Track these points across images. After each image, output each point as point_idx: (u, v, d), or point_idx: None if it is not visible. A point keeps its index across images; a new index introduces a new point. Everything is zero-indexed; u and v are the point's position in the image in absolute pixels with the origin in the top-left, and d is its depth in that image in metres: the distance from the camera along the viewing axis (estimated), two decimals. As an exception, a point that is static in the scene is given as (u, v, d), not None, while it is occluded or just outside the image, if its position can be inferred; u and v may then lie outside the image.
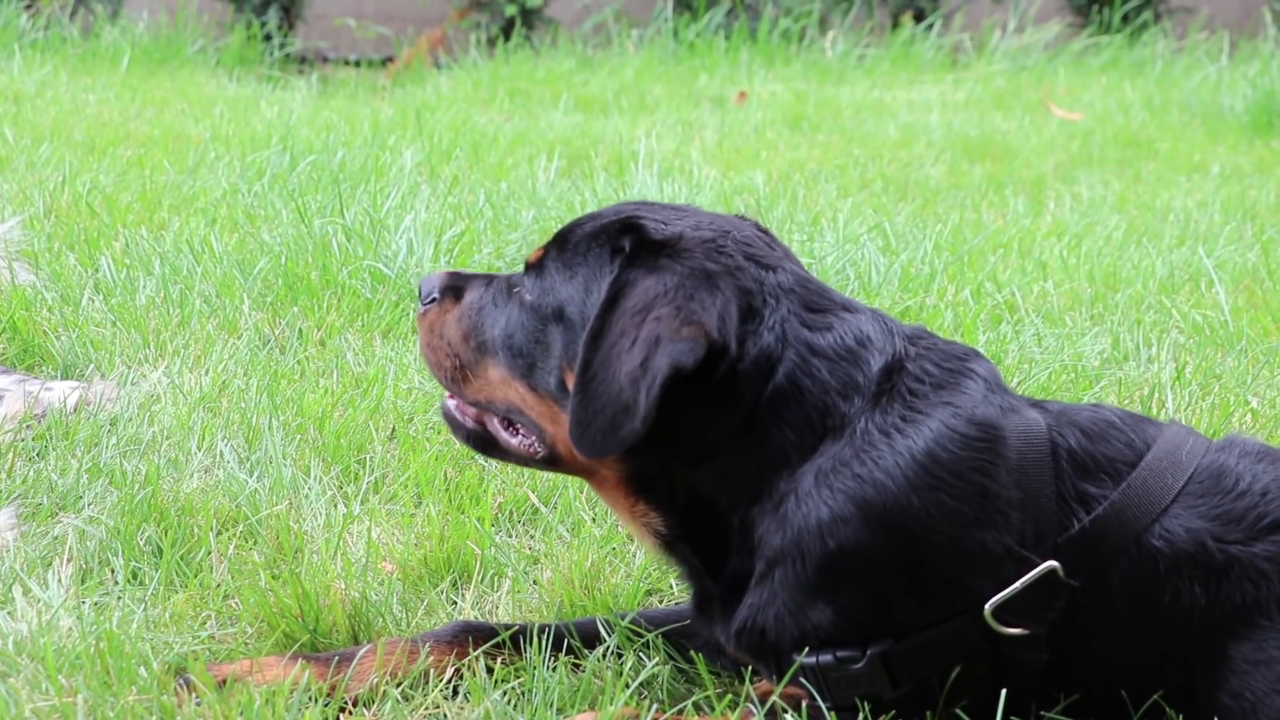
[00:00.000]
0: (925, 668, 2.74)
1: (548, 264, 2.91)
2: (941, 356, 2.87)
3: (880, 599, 2.73)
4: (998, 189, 7.72)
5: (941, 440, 2.73)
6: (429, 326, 3.03)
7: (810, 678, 2.74)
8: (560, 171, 7.43)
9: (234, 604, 3.23)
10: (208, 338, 4.68)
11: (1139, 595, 2.74)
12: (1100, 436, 2.82)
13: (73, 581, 3.26)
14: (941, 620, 2.73)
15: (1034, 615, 2.72)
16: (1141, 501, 2.76)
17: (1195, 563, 2.75)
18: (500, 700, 2.88)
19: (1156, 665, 2.77)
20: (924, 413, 2.76)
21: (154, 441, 3.92)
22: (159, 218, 6.10)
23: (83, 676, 2.84)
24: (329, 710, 2.82)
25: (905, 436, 2.74)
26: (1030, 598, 2.71)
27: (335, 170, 6.82)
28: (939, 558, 2.71)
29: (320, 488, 3.70)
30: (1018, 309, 5.27)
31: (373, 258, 5.23)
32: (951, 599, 2.72)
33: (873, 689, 2.73)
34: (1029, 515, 2.73)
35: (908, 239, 6.15)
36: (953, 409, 2.77)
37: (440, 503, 3.66)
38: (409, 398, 4.25)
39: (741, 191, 7.02)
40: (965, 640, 2.73)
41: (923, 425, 2.75)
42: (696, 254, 2.81)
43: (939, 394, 2.79)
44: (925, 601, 2.73)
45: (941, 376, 2.82)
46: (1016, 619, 2.71)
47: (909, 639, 2.72)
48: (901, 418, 2.76)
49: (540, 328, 2.89)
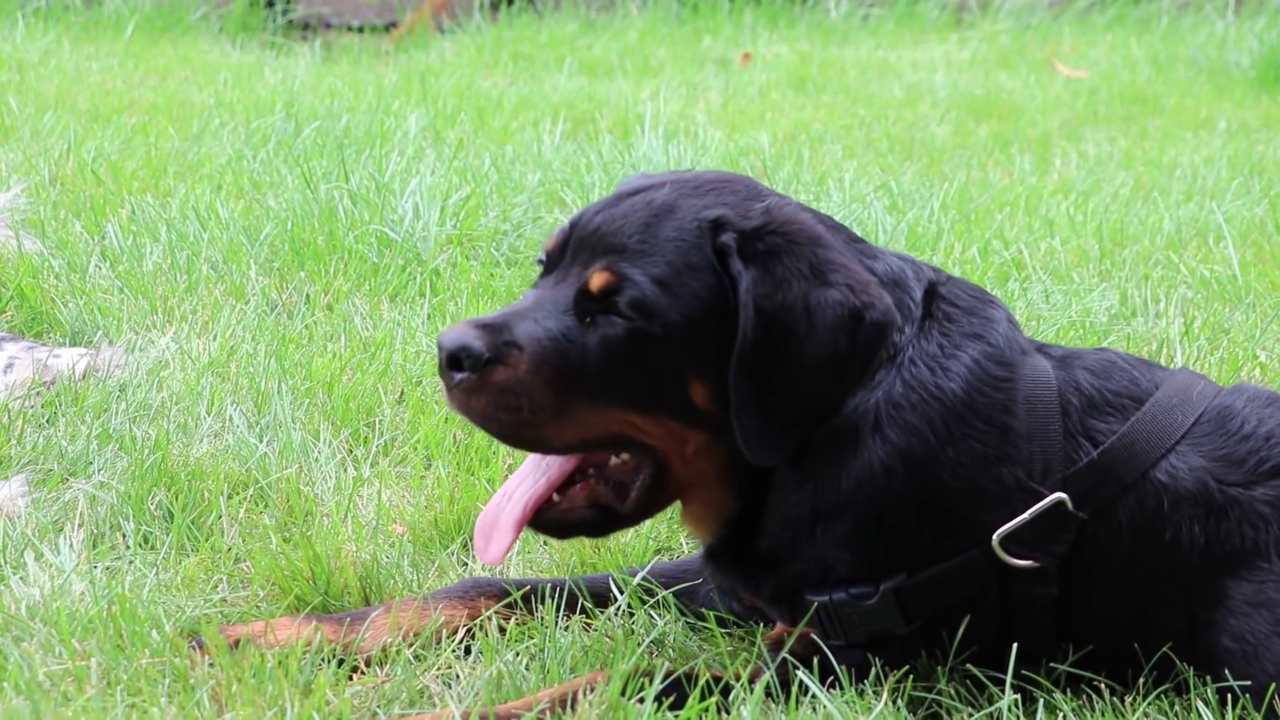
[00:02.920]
0: (937, 601, 2.76)
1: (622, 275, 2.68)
2: (966, 285, 2.92)
3: (899, 539, 2.76)
4: (1004, 147, 7.70)
5: (976, 386, 2.76)
6: (499, 390, 2.66)
7: (824, 615, 2.75)
8: (565, 135, 7.41)
9: (245, 567, 3.23)
10: (215, 303, 4.68)
11: (1144, 532, 2.77)
12: (1106, 374, 2.85)
13: (84, 546, 3.27)
14: (953, 553, 2.75)
15: (1042, 546, 2.74)
16: (1151, 436, 2.78)
17: (1196, 501, 2.77)
18: (513, 660, 2.88)
19: (1159, 606, 2.78)
20: (959, 346, 2.79)
21: (163, 407, 3.92)
22: (164, 185, 6.09)
23: (96, 640, 2.85)
24: (342, 670, 2.83)
25: (946, 377, 2.76)
26: (1038, 529, 2.73)
27: (340, 136, 6.81)
28: (960, 498, 2.75)
29: (330, 451, 3.70)
30: (1025, 266, 5.27)
31: (379, 222, 5.23)
32: (964, 532, 2.75)
33: (886, 625, 2.75)
34: (1038, 448, 2.76)
35: (914, 198, 6.14)
36: (985, 344, 2.80)
37: (450, 464, 3.67)
38: (417, 361, 4.25)
39: (747, 153, 6.99)
40: (975, 573, 2.75)
41: (960, 360, 2.77)
42: (798, 228, 2.76)
43: (970, 320, 2.82)
44: (940, 537, 2.76)
45: (971, 303, 2.86)
46: (1025, 550, 2.73)
47: (921, 573, 2.74)
48: (940, 348, 2.78)
49: (648, 351, 2.68)
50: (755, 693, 2.66)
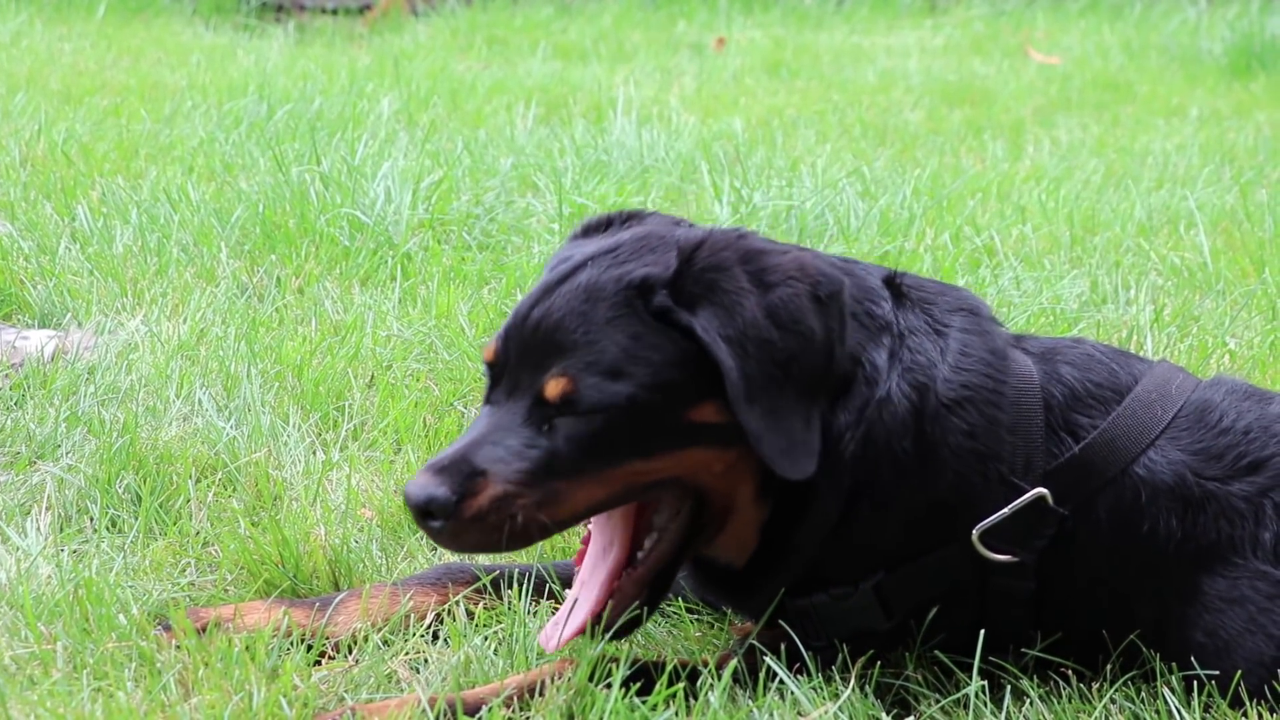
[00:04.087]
0: (916, 595, 2.75)
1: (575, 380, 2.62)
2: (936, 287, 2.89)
3: (884, 539, 2.74)
4: (976, 133, 7.71)
5: (975, 383, 2.74)
6: (479, 517, 2.58)
7: (805, 618, 2.74)
8: (538, 119, 7.41)
9: (214, 551, 3.22)
10: (185, 286, 4.65)
11: (1122, 525, 2.75)
12: (1087, 368, 2.84)
13: (51, 529, 3.25)
14: (932, 549, 2.74)
15: (1022, 542, 2.72)
16: (1131, 431, 2.77)
17: (1174, 495, 2.76)
18: (481, 645, 2.88)
19: (1134, 599, 2.77)
20: (946, 324, 2.78)
21: (132, 390, 3.90)
22: (136, 166, 6.07)
23: (62, 623, 2.83)
24: (310, 655, 2.81)
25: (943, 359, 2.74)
26: (1019, 524, 2.72)
27: (312, 119, 6.80)
28: (946, 494, 2.73)
29: (299, 435, 3.69)
30: (996, 253, 5.27)
31: (350, 205, 5.21)
32: (944, 528, 2.74)
33: (866, 622, 2.74)
34: (1020, 443, 2.74)
35: (887, 184, 6.14)
36: (971, 322, 2.79)
37: (420, 449, 3.66)
38: (388, 345, 4.23)
39: (720, 138, 6.99)
40: (955, 566, 2.74)
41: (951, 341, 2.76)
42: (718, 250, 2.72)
43: (947, 299, 2.82)
44: (917, 533, 2.74)
45: (940, 287, 2.87)
46: (1005, 545, 2.72)
47: (901, 569, 2.73)
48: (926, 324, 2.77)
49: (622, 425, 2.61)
50: (723, 679, 2.66)
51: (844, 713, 2.63)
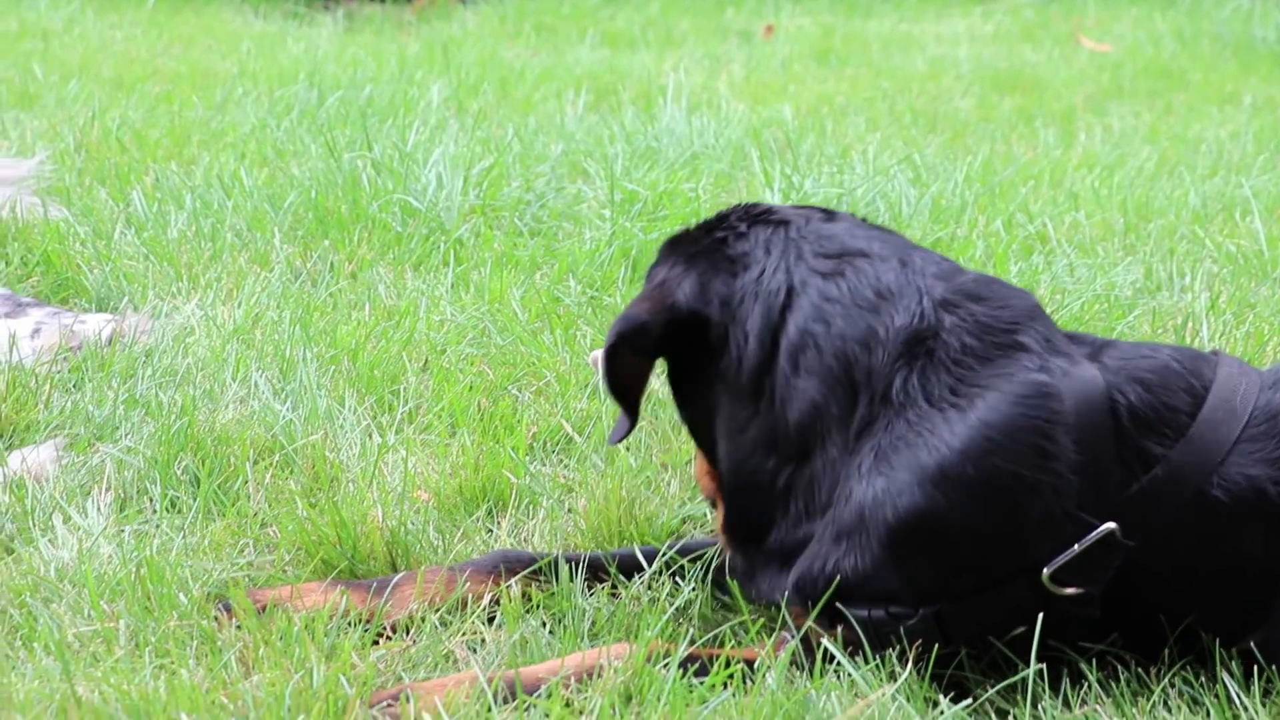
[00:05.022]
0: (977, 625, 2.71)
1: None
2: (981, 329, 2.78)
3: (940, 566, 2.69)
4: (1028, 121, 7.67)
5: (994, 406, 2.67)
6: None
7: (860, 630, 2.73)
8: (588, 106, 7.41)
9: (271, 532, 3.24)
10: (240, 271, 4.69)
11: (1198, 546, 2.70)
12: (1160, 386, 2.76)
13: (112, 510, 3.28)
14: (998, 583, 2.69)
15: (1090, 576, 2.67)
16: (1199, 457, 2.69)
17: (1256, 511, 2.70)
18: (537, 627, 2.89)
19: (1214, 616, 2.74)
20: (971, 387, 2.70)
21: (189, 373, 3.93)
22: (188, 153, 6.11)
23: (124, 602, 2.86)
24: (367, 635, 2.84)
25: (954, 404, 2.69)
26: (1087, 560, 2.66)
27: (363, 105, 6.82)
28: (997, 523, 2.66)
29: (355, 418, 3.71)
30: (1050, 240, 5.25)
31: (402, 191, 5.23)
32: (1010, 561, 2.68)
33: (924, 642, 2.70)
34: (1088, 477, 2.67)
35: (938, 171, 6.12)
36: (1004, 379, 2.71)
37: (475, 432, 3.67)
38: (441, 330, 4.25)
39: (770, 125, 6.99)
40: (1019, 600, 2.69)
41: (974, 399, 2.69)
42: (684, 242, 3.01)
43: (985, 370, 2.72)
44: (983, 565, 2.69)
45: (984, 351, 2.75)
46: (1073, 578, 2.67)
47: (965, 600, 2.69)
48: (951, 390, 2.70)
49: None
50: (780, 660, 2.66)
51: (901, 695, 2.63)
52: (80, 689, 2.54)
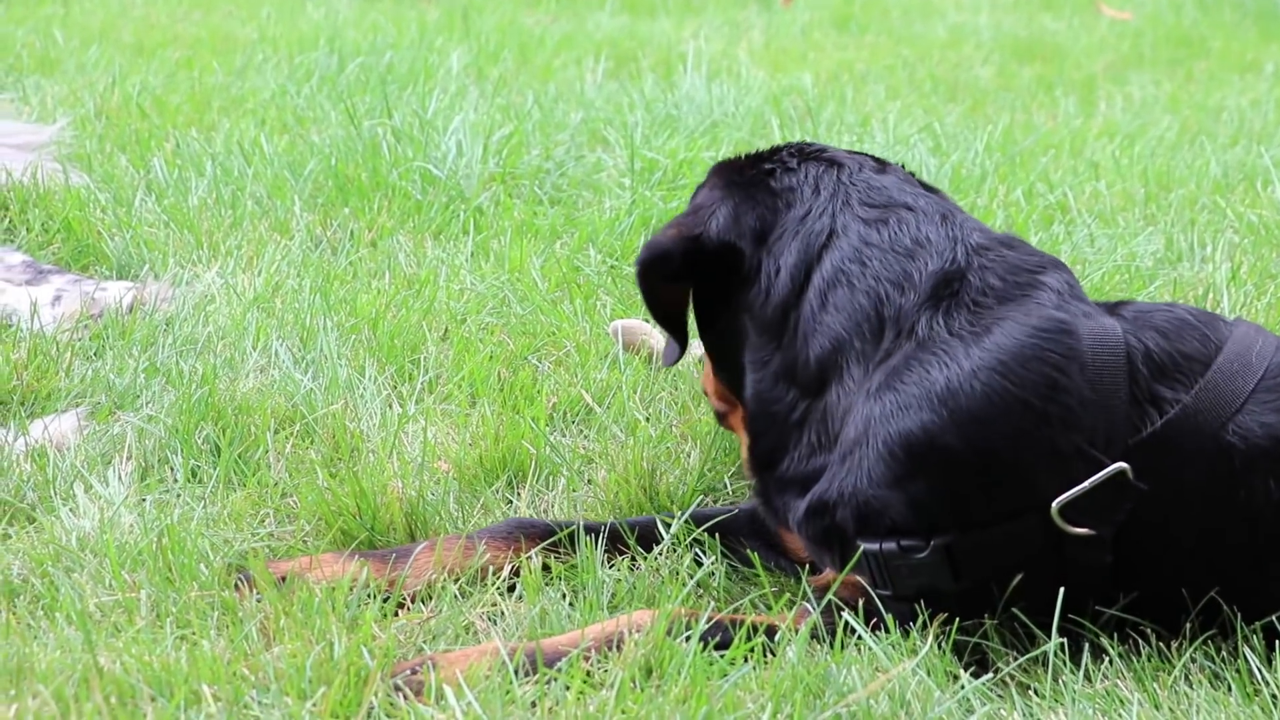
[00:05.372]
0: (988, 562, 2.72)
1: None
2: (1008, 269, 2.86)
3: (946, 489, 2.71)
4: (1048, 90, 7.64)
5: (1009, 333, 2.72)
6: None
7: (872, 565, 2.74)
8: (608, 73, 7.39)
9: (292, 502, 3.23)
10: (260, 239, 4.67)
11: (1212, 494, 2.71)
12: (1176, 335, 2.79)
13: (133, 479, 3.27)
14: (1008, 516, 2.71)
15: (1101, 517, 2.69)
16: (1213, 403, 2.72)
17: (1272, 457, 2.71)
18: (556, 599, 2.89)
19: (1223, 562, 2.75)
20: (992, 319, 2.76)
21: (209, 341, 3.92)
22: (209, 119, 6.10)
23: (145, 572, 2.86)
24: (388, 606, 2.83)
25: (973, 335, 2.74)
26: (1098, 499, 2.67)
27: (383, 72, 6.80)
28: (1005, 450, 2.69)
29: (375, 388, 3.70)
30: (1070, 210, 5.23)
31: (422, 159, 5.22)
32: (1019, 495, 2.70)
33: (934, 581, 2.71)
34: (1100, 416, 2.69)
35: (958, 140, 6.11)
36: (1022, 310, 2.77)
37: (495, 403, 3.66)
38: (461, 299, 4.24)
39: (790, 93, 6.96)
40: (1030, 538, 2.70)
41: (990, 326, 2.75)
42: (730, 170, 3.10)
43: (1004, 306, 2.79)
44: (992, 495, 2.71)
45: (1006, 290, 2.82)
46: (1084, 519, 2.69)
47: (974, 533, 2.71)
48: (969, 321, 2.77)
49: None
50: (801, 634, 2.66)
51: (922, 669, 2.63)
52: (102, 659, 2.54)
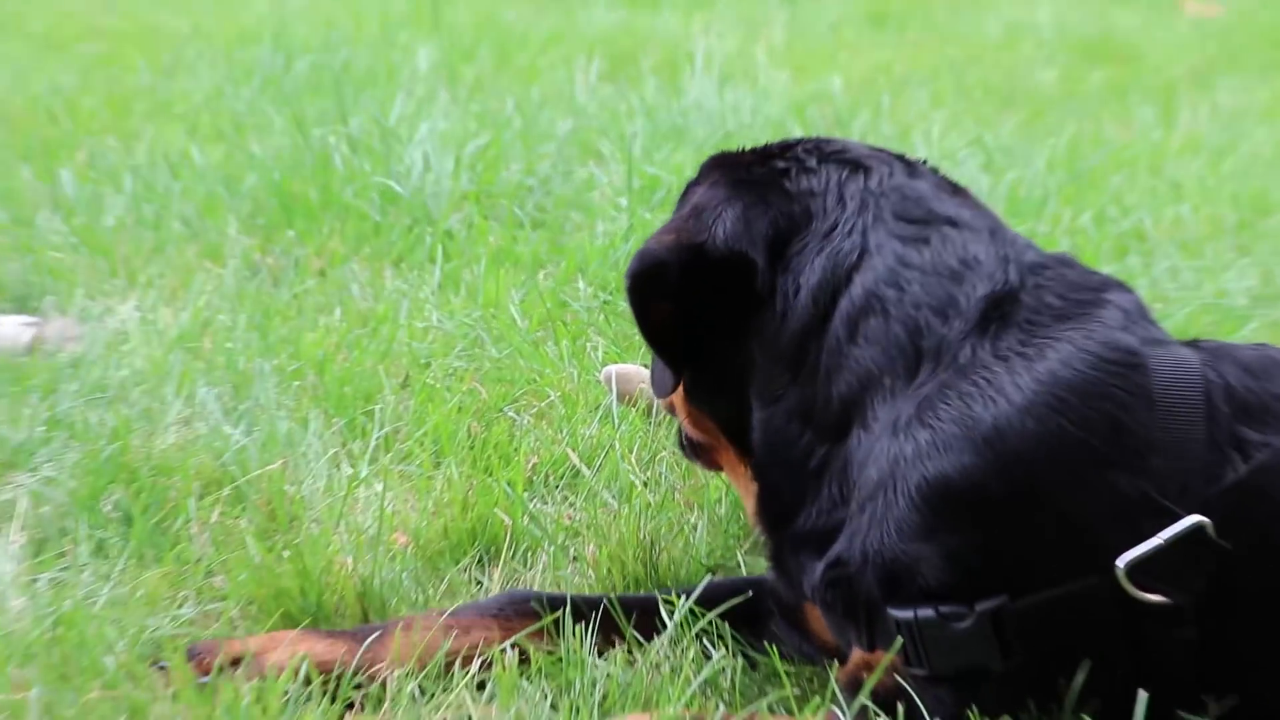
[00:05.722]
0: (1044, 635, 2.65)
1: None
2: (1068, 288, 2.83)
3: (990, 541, 2.64)
4: (1121, 97, 7.68)
5: (1065, 359, 2.68)
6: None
7: (904, 637, 2.67)
8: (602, 75, 7.42)
9: (219, 582, 3.19)
10: (187, 266, 4.67)
11: None
12: (1264, 373, 2.75)
13: (25, 554, 3.23)
14: (1065, 577, 2.64)
15: (1178, 581, 2.62)
16: None
17: None
18: (536, 698, 2.82)
19: None
20: (1046, 340, 2.72)
21: (123, 388, 3.90)
22: (130, 125, 6.13)
23: (37, 667, 2.79)
24: (336, 707, 2.77)
25: (1023, 359, 2.70)
26: (1173, 558, 2.61)
27: (338, 72, 6.85)
28: (1059, 496, 2.62)
29: (321, 444, 3.67)
30: (1148, 237, 5.24)
31: (382, 174, 5.24)
32: (1077, 552, 2.63)
33: (979, 658, 2.65)
34: (1173, 461, 2.65)
35: (1015, 155, 6.13)
36: (1083, 332, 2.73)
37: (464, 463, 3.63)
38: (426, 339, 4.23)
39: (816, 99, 7.00)
40: (1093, 606, 2.63)
41: (1044, 349, 2.71)
42: (732, 165, 3.02)
43: (1061, 326, 2.75)
44: (1044, 551, 2.64)
45: (1064, 309, 2.79)
46: (1157, 584, 2.62)
47: (1025, 597, 2.64)
48: (1020, 342, 2.73)
49: None
50: (830, 745, 2.60)
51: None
52: (-18, 773, 2.48)
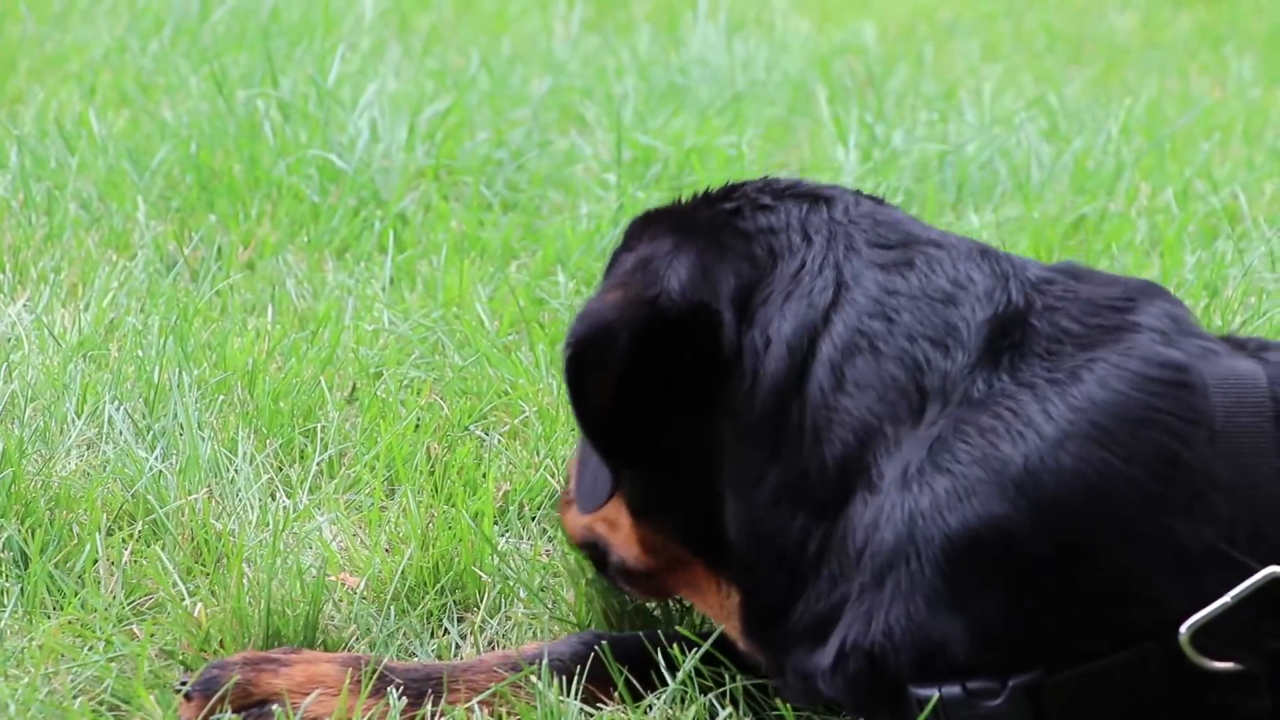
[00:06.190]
0: (1090, 713, 2.69)
1: None
2: (1083, 309, 2.85)
3: (1024, 605, 2.67)
4: (1213, 47, 7.64)
5: (1106, 382, 2.70)
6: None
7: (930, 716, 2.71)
8: (586, 24, 7.38)
9: (134, 630, 3.21)
10: (87, 258, 4.67)
11: None
12: None
13: (-100, 602, 3.25)
14: (1115, 645, 2.68)
15: (1250, 644, 2.66)
16: None
17: None
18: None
19: None
20: (1075, 364, 2.74)
21: (13, 404, 3.91)
22: (13, 86, 6.08)
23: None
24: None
25: (1052, 384, 2.72)
26: (1244, 618, 2.65)
27: (265, 22, 6.78)
28: (1106, 548, 2.65)
29: (253, 470, 3.69)
30: (1242, 218, 5.24)
31: (321, 145, 5.23)
32: (1129, 614, 2.67)
33: None
34: (1241, 502, 2.67)
35: (1083, 119, 6.11)
36: (1118, 352, 2.74)
37: (423, 491, 3.66)
38: (376, 344, 4.25)
39: (844, 52, 6.96)
40: (1150, 676, 2.67)
41: (1077, 371, 2.72)
42: (670, 216, 3.06)
43: (1087, 354, 2.76)
44: (1089, 615, 2.67)
45: (1086, 336, 2.80)
46: (1226, 648, 2.67)
47: (1068, 669, 2.69)
48: (1046, 369, 2.74)
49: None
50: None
51: None
52: None
